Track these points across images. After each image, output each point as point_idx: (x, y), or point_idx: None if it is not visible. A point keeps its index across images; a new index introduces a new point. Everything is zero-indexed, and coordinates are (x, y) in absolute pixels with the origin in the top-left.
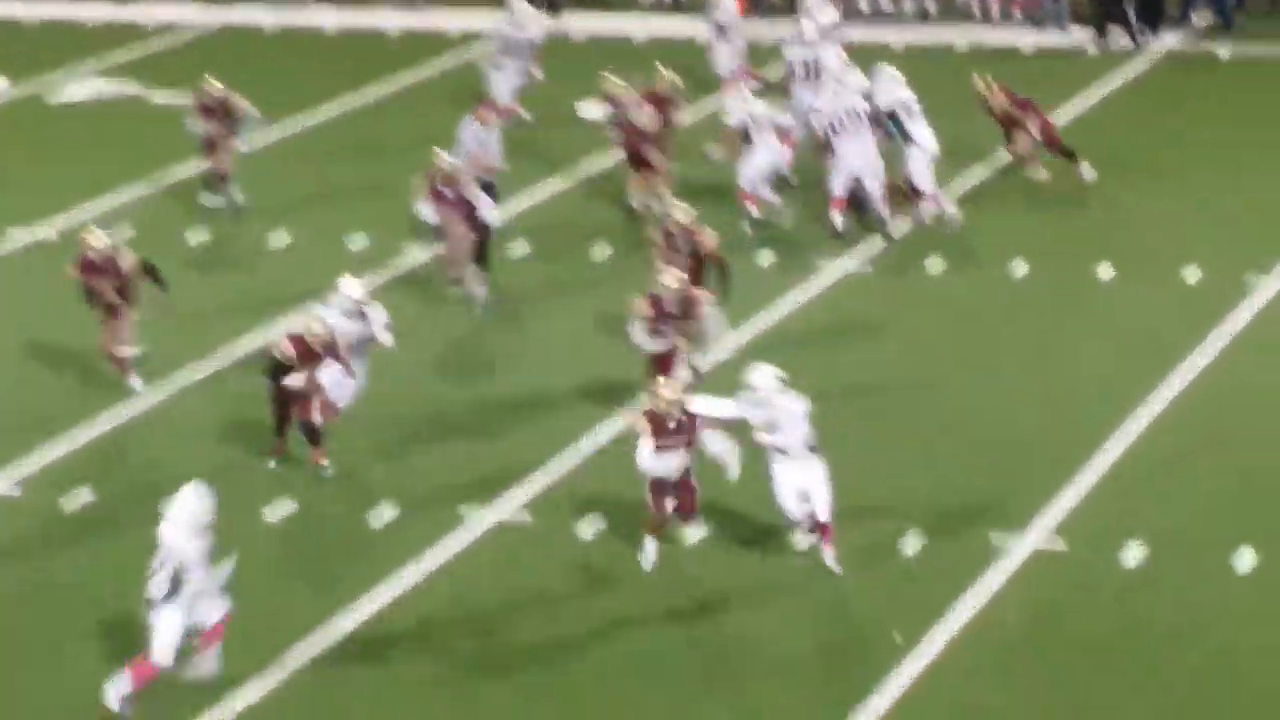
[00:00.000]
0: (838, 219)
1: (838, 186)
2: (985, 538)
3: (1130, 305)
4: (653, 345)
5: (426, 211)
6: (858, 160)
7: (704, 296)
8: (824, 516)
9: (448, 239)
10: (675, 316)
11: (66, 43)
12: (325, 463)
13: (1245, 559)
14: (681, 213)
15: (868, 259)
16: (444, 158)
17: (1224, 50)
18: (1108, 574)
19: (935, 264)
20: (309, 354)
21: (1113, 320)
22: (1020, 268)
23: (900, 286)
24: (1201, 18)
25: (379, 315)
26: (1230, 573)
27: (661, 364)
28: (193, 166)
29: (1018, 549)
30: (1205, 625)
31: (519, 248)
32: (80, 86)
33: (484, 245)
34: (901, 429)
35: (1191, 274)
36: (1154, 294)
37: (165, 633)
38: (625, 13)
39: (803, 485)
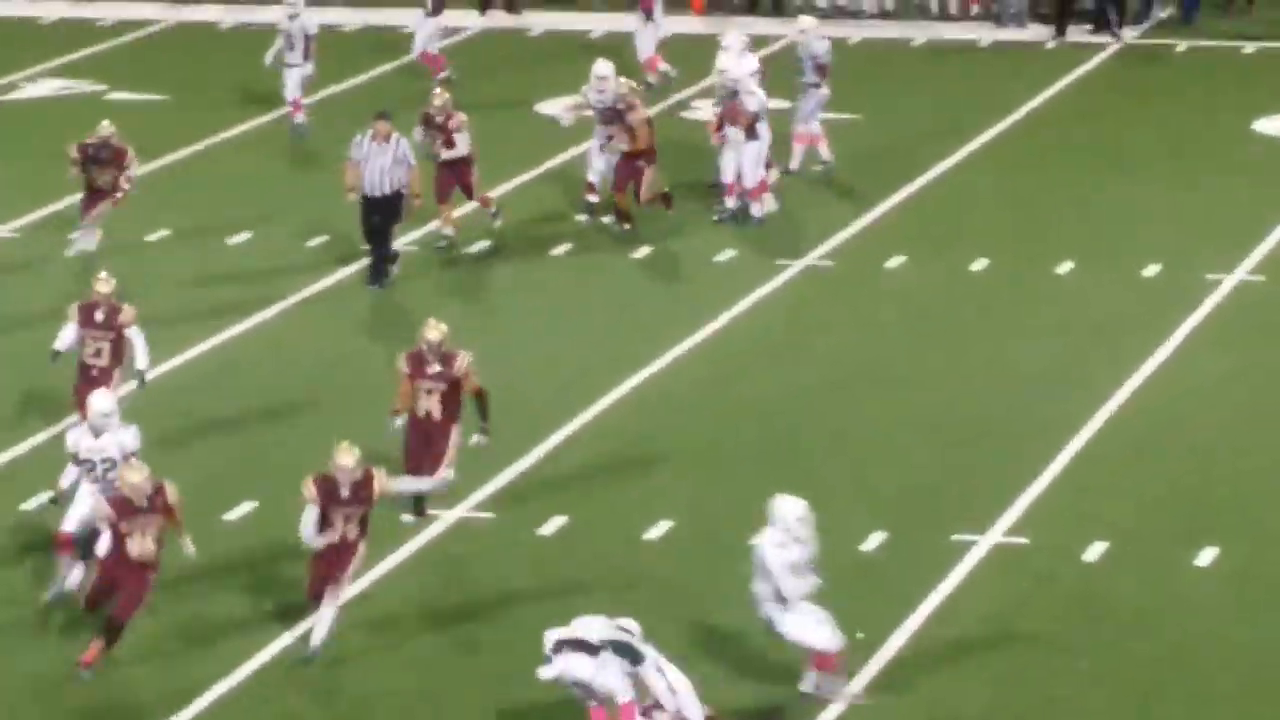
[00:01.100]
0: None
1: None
2: (947, 533)
3: (1089, 299)
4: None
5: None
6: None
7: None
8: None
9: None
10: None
11: (21, 41)
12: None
13: (1204, 552)
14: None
15: (828, 253)
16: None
17: (1181, 44)
18: (1069, 567)
19: (895, 259)
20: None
21: (1072, 314)
22: (980, 262)
23: (860, 281)
24: (1164, 8)
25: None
26: (1189, 566)
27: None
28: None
29: (979, 544)
30: (1165, 618)
31: (480, 244)
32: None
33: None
34: (862, 425)
35: (1151, 268)
36: (1113, 288)
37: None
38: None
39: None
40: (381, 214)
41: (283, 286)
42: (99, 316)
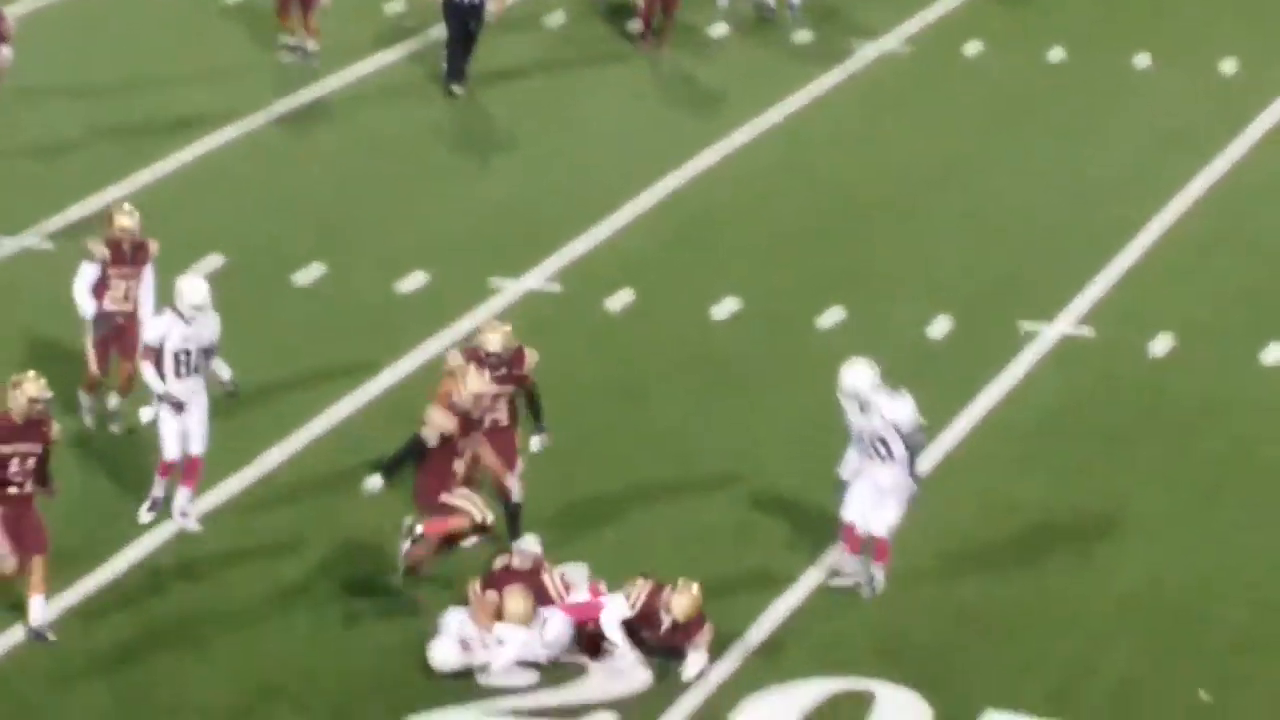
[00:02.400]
0: None
1: None
2: (1013, 323)
3: (1166, 95)
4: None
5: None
6: None
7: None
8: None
9: None
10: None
11: None
12: None
13: (1271, 350)
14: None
15: (904, 39)
16: None
17: None
18: (1134, 362)
19: (973, 46)
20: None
21: (1147, 109)
22: (1058, 53)
23: (936, 67)
24: None
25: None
26: (1255, 362)
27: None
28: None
29: (1045, 335)
30: (1228, 414)
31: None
32: None
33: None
34: (932, 213)
35: (1228, 65)
36: (1190, 84)
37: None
38: None
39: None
40: (474, 19)
41: None
42: (126, 252)
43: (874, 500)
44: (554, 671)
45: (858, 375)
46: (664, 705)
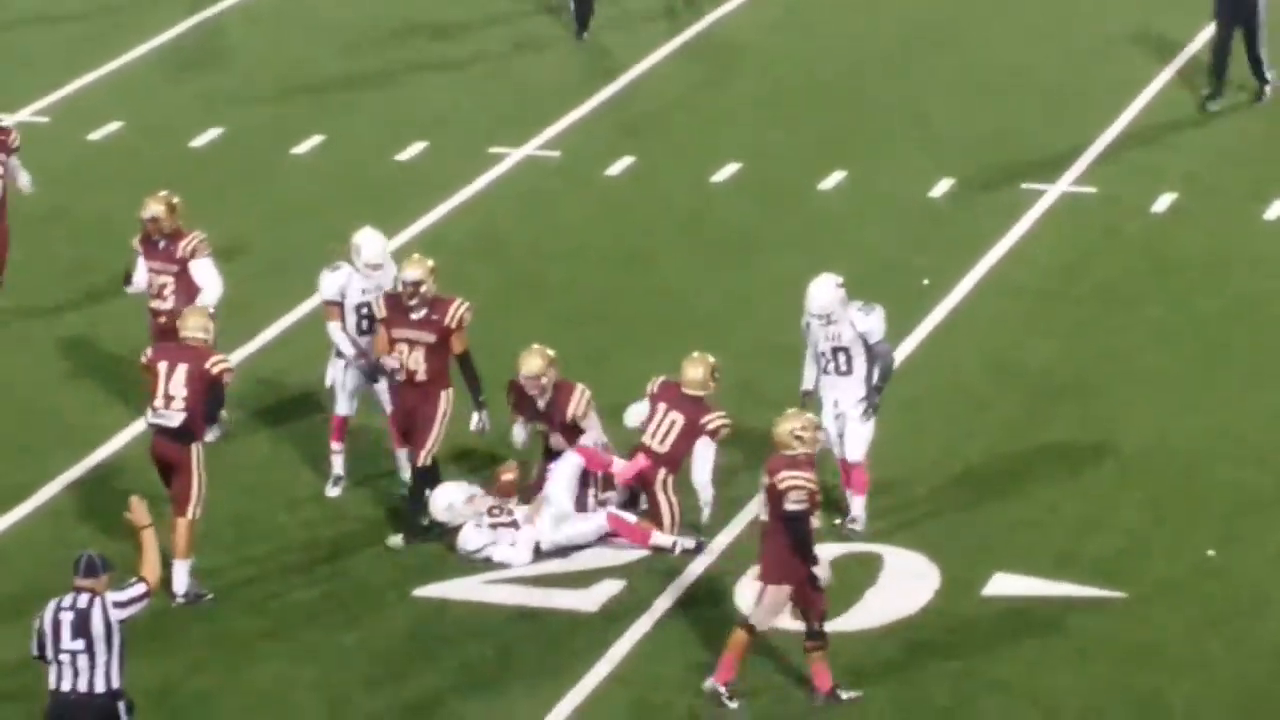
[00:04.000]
0: None
1: None
2: (1015, 182)
3: None
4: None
5: None
6: None
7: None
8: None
9: None
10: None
11: None
12: None
13: (1273, 206)
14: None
15: None
16: None
17: None
18: (1137, 219)
19: None
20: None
21: None
22: None
23: None
24: None
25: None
26: (1258, 219)
27: None
28: None
29: (1047, 194)
30: (1231, 271)
31: None
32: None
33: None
34: (931, 78)
35: None
36: None
37: None
38: None
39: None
40: None
41: None
42: (160, 246)
43: (837, 425)
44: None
45: (828, 293)
46: (672, 571)
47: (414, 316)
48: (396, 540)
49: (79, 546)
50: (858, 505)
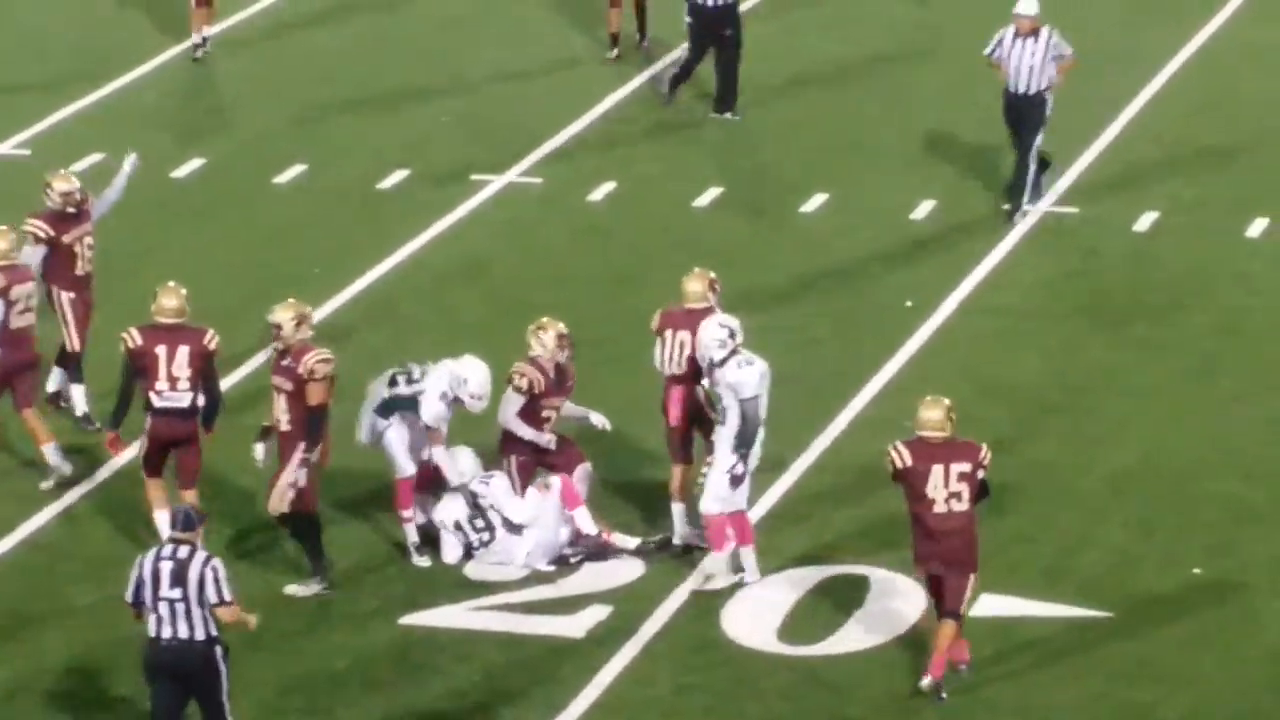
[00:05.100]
0: None
1: None
2: (997, 201)
3: None
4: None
5: None
6: None
7: None
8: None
9: None
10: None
11: None
12: None
13: (1255, 222)
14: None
15: None
16: None
17: None
18: (1119, 237)
19: None
20: None
21: None
22: None
23: None
24: None
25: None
26: (1240, 235)
27: None
28: None
29: (1030, 213)
30: (1215, 287)
31: None
32: None
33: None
34: (914, 95)
35: None
36: None
37: None
38: None
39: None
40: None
41: None
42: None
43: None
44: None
45: (705, 335)
46: (658, 596)
47: (282, 363)
48: (294, 589)
49: (69, 579)
50: (746, 557)
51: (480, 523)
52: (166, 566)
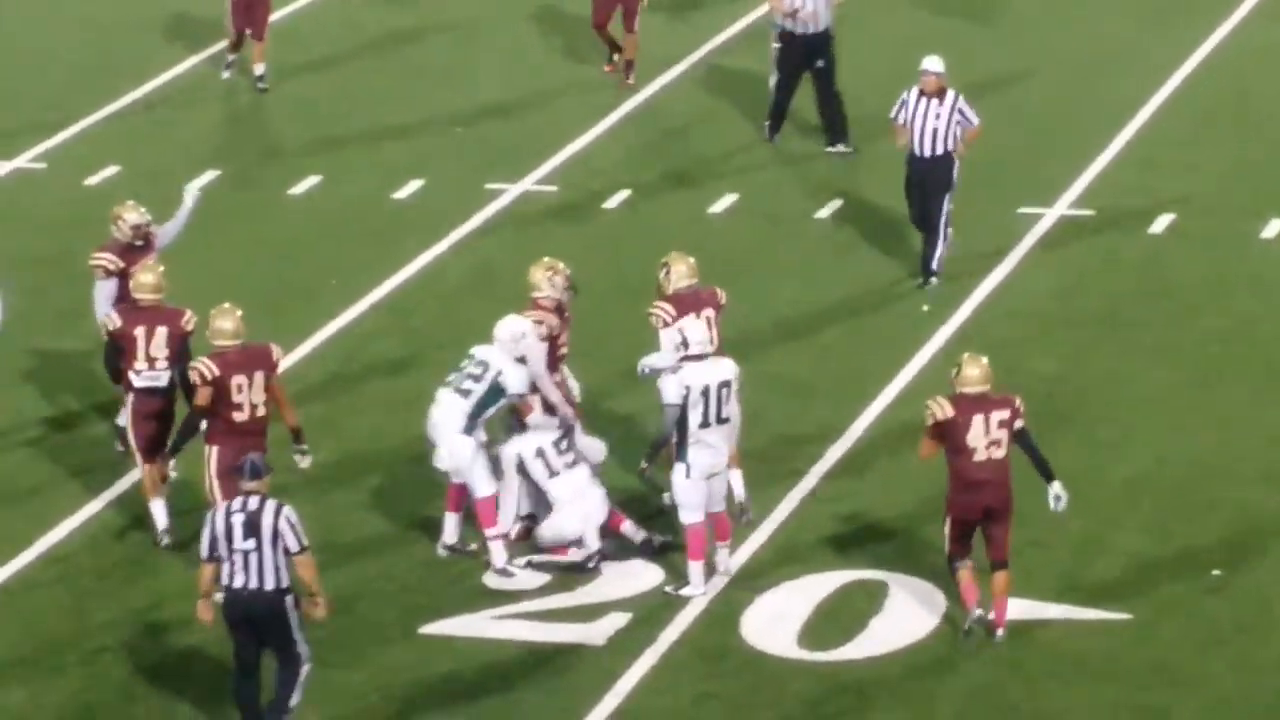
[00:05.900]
0: None
1: None
2: (1012, 206)
3: None
4: None
5: None
6: None
7: None
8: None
9: None
10: None
11: None
12: None
13: (1270, 225)
14: None
15: None
16: None
17: None
18: (1134, 241)
19: None
20: None
21: None
22: None
23: None
24: None
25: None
26: (1255, 239)
27: None
28: None
29: (1045, 217)
30: (1229, 291)
31: None
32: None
33: None
34: None
35: None
36: None
37: None
38: None
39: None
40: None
41: None
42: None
43: None
44: (564, 572)
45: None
46: (677, 603)
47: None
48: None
49: (84, 593)
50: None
51: (564, 444)
52: (239, 519)
